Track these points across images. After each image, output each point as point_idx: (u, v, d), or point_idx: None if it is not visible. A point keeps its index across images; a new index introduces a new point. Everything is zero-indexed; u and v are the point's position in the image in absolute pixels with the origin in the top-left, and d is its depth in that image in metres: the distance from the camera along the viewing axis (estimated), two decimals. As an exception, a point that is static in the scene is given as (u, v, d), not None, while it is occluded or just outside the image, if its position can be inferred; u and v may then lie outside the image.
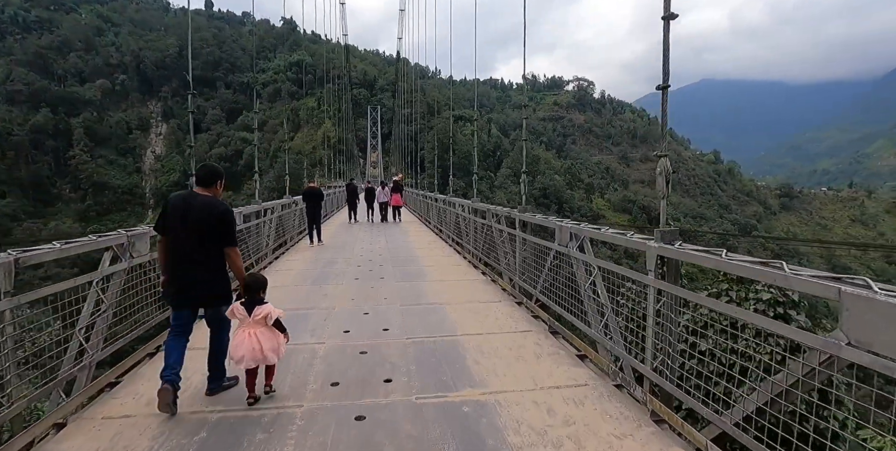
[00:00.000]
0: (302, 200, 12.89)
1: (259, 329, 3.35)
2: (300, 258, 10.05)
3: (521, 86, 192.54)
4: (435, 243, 12.89)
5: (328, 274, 8.17)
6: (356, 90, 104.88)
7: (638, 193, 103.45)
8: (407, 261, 9.53)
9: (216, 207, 3.42)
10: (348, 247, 11.76)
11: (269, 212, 10.40)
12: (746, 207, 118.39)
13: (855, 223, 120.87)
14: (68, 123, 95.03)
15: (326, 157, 52.11)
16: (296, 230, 13.14)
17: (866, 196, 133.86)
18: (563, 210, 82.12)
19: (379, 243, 12.43)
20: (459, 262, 9.62)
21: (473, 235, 9.49)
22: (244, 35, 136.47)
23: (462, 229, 10.80)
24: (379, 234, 14.94)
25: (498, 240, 7.50)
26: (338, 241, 13.15)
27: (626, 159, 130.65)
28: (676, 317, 3.11)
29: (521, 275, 6.18)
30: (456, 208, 11.79)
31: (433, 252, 10.97)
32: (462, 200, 11.74)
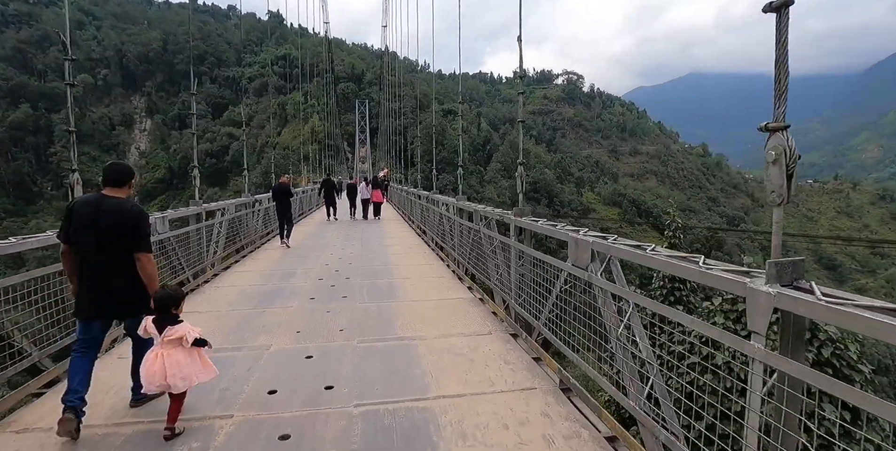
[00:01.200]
0: (271, 197, 12.07)
1: (169, 351, 2.94)
2: (254, 269, 8.53)
3: (510, 79, 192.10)
4: (416, 247, 11.33)
5: (280, 291, 6.72)
6: (344, 84, 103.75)
7: (628, 187, 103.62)
8: (380, 272, 8.14)
9: (130, 210, 3.14)
10: (316, 252, 10.40)
11: (220, 213, 9.00)
12: (735, 200, 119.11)
13: (841, 215, 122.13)
14: (49, 119, 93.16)
15: (314, 152, 51.25)
16: (258, 234, 11.71)
17: (851, 188, 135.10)
18: (553, 204, 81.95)
19: (352, 247, 11.07)
20: (442, 272, 8.22)
21: (458, 239, 8.10)
22: (229, 29, 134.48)
23: (446, 232, 9.39)
24: (355, 235, 13.60)
25: (487, 248, 6.12)
26: (307, 243, 11.86)
27: (616, 153, 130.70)
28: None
29: (518, 297, 4.79)
30: (439, 207, 10.34)
31: (412, 259, 9.53)
32: (446, 197, 10.31)
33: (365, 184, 18.28)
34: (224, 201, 9.77)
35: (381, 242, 12.28)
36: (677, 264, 2.43)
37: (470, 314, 5.50)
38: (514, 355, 4.15)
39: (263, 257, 9.93)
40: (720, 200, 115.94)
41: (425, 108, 69.73)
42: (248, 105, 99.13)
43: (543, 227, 4.36)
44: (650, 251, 2.69)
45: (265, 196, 12.80)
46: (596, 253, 3.24)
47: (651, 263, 2.61)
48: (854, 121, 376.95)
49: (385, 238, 13.04)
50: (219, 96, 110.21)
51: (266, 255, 10.14)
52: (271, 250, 10.87)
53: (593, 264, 3.25)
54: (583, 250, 3.37)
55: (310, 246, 11.43)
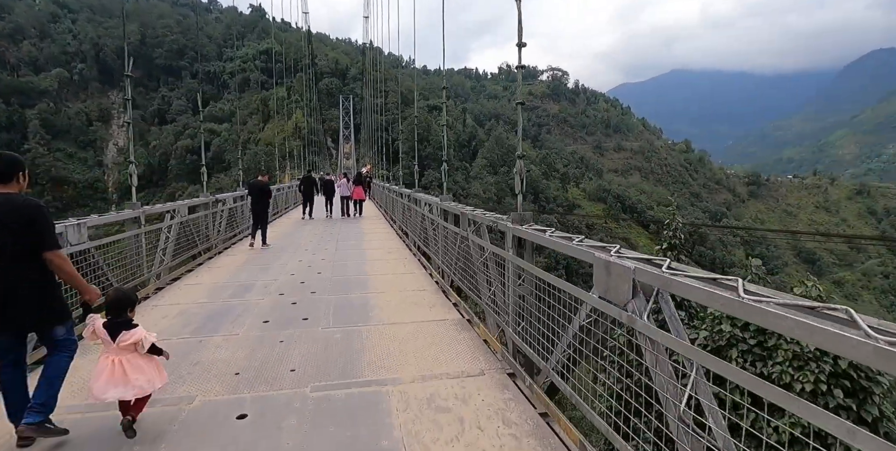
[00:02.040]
0: (247, 195, 11.48)
1: (128, 357, 2.80)
2: (207, 281, 7.37)
3: (495, 75, 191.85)
4: (396, 251, 10.19)
5: (229, 312, 5.58)
6: (328, 79, 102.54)
7: (612, 183, 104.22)
8: (352, 283, 7.11)
9: (22, 205, 2.76)
10: (284, 257, 9.28)
11: (169, 216, 7.99)
12: (717, 196, 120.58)
13: (819, 210, 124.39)
14: (23, 114, 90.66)
15: (297, 148, 50.46)
16: (220, 237, 10.70)
17: (830, 183, 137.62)
18: (539, 200, 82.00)
19: (325, 252, 9.99)
20: (424, 284, 7.12)
21: (443, 245, 7.14)
22: (210, 22, 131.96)
23: (429, 236, 8.38)
24: (331, 236, 12.55)
25: (477, 259, 5.17)
26: (277, 246, 10.74)
27: (601, 149, 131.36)
28: None
29: (517, 324, 3.82)
30: (422, 208, 9.28)
31: (391, 267, 8.45)
32: (428, 197, 9.35)
33: (346, 180, 17.60)
34: (174, 203, 8.59)
35: (359, 245, 11.14)
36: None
37: (457, 344, 4.47)
38: (515, 411, 3.12)
39: (223, 264, 8.80)
40: (703, 195, 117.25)
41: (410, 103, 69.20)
42: (230, 100, 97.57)
43: (553, 240, 3.27)
44: (743, 289, 1.71)
45: (229, 195, 11.82)
46: (639, 285, 2.22)
47: (728, 309, 1.72)
48: (831, 118, 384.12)
49: (363, 240, 11.98)
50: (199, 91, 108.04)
51: (227, 262, 9.03)
52: (235, 254, 9.84)
53: (636, 300, 2.24)
54: (619, 278, 2.34)
55: (279, 250, 10.29)
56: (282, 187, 20.19)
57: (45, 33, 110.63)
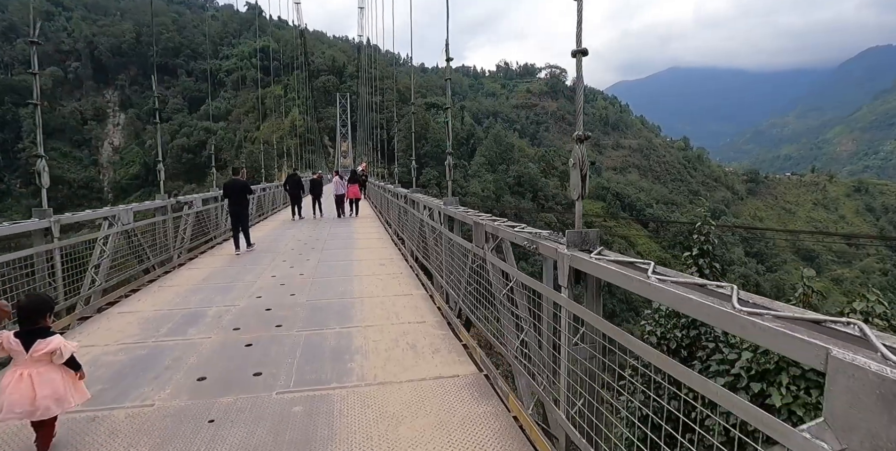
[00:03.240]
0: (222, 195, 10.25)
1: (39, 370, 2.57)
2: (146, 307, 5.84)
3: (493, 73, 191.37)
4: (390, 263, 8.59)
5: (153, 363, 4.07)
6: (325, 77, 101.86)
7: (611, 180, 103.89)
8: (332, 312, 5.56)
9: None
10: (255, 270, 7.91)
11: (107, 224, 6.58)
12: (715, 193, 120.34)
13: (817, 207, 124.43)
14: (16, 113, 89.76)
15: (294, 146, 49.93)
16: (184, 246, 9.32)
17: (828, 180, 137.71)
18: (538, 199, 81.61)
19: (306, 263, 8.51)
20: (425, 312, 5.57)
21: (448, 262, 5.62)
22: (206, 20, 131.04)
23: (430, 247, 6.98)
24: (316, 242, 11.06)
25: (500, 292, 3.75)
26: (249, 256, 9.41)
27: (599, 146, 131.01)
28: None
29: (569, 395, 2.44)
30: (420, 211, 7.90)
31: (383, 286, 6.85)
32: (428, 199, 7.86)
33: (340, 179, 16.88)
34: (115, 207, 7.11)
35: (347, 254, 9.52)
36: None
37: (476, 429, 2.94)
38: None
39: (179, 281, 7.34)
40: (701, 193, 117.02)
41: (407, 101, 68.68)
42: (226, 99, 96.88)
43: (665, 290, 1.76)
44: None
45: (197, 197, 10.45)
46: None
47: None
48: (828, 115, 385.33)
49: (353, 248, 10.38)
50: (195, 90, 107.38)
51: (185, 277, 7.60)
52: (199, 267, 8.43)
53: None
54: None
55: (252, 259, 8.91)
56: (268, 187, 18.91)
57: (40, 31, 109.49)
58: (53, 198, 30.66)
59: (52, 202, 9.27)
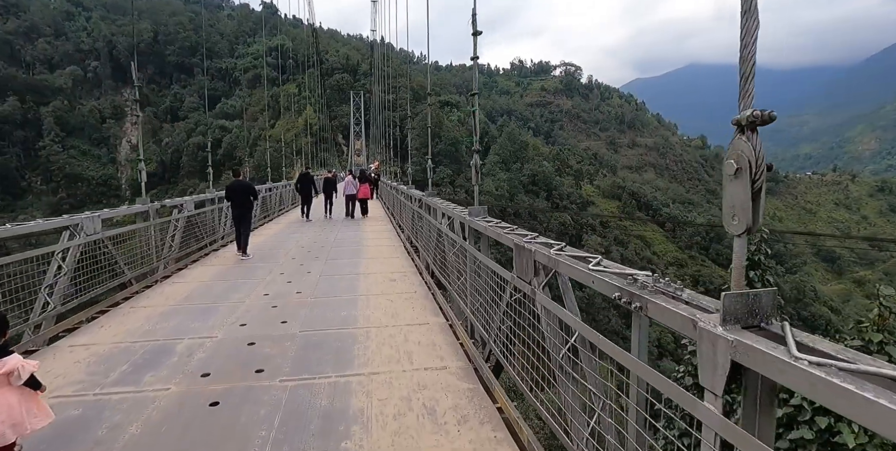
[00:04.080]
0: (225, 196, 9.71)
1: None
2: (104, 340, 4.85)
3: (507, 71, 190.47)
4: (402, 278, 7.44)
5: (85, 431, 3.15)
6: (339, 75, 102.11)
7: (626, 179, 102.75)
8: (329, 351, 4.49)
9: None
10: (245, 287, 6.95)
11: (69, 235, 5.75)
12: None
13: (839, 207, 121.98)
14: (38, 112, 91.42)
15: (308, 144, 50.01)
16: (171, 255, 8.52)
17: (850, 180, 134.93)
18: (552, 197, 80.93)
19: (307, 276, 7.59)
20: (445, 352, 4.43)
21: (473, 284, 4.68)
22: (222, 19, 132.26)
23: (450, 263, 5.95)
24: (321, 250, 10.10)
25: (555, 350, 2.81)
26: (245, 266, 8.55)
27: (614, 145, 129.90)
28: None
29: None
30: (438, 219, 6.89)
31: (393, 312, 5.71)
32: (447, 205, 6.84)
33: (351, 178, 16.47)
34: (77, 216, 6.05)
35: (354, 265, 8.47)
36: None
37: None
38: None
39: (153, 301, 6.29)
40: (719, 192, 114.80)
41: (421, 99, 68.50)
42: (241, 97, 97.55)
43: None
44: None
45: (188, 200, 9.55)
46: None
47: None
48: (850, 113, 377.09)
49: (360, 257, 9.32)
50: (211, 88, 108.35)
51: (162, 295, 6.56)
52: (184, 281, 7.51)
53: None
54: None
55: (243, 273, 7.95)
56: (275, 187, 18.23)
57: (60, 31, 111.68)
58: (73, 195, 31.13)
59: (71, 199, 8.76)
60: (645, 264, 70.81)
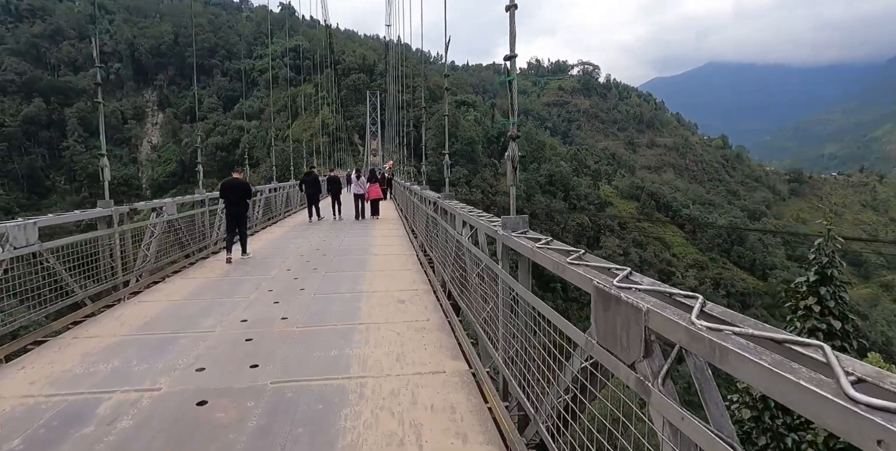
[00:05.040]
0: (220, 196, 9.19)
1: None
2: (18, 385, 3.85)
3: (524, 70, 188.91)
4: (414, 298, 6.18)
5: None
6: (355, 75, 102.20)
7: (645, 180, 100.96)
8: (310, 414, 3.33)
9: None
10: (225, 306, 5.92)
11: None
12: (755, 193, 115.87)
13: (866, 209, 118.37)
14: (62, 113, 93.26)
15: (325, 144, 49.81)
16: (145, 266, 7.34)
17: (878, 181, 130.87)
18: (569, 198, 79.80)
19: (299, 295, 6.39)
20: (470, 429, 3.10)
21: (507, 322, 3.25)
22: (241, 21, 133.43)
23: (472, 285, 4.50)
24: (323, 257, 9.10)
25: None
26: (229, 281, 7.39)
27: (633, 145, 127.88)
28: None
29: None
30: (457, 229, 5.43)
31: (400, 350, 4.46)
32: (467, 210, 5.33)
33: (360, 178, 15.82)
34: (1, 223, 4.91)
35: (356, 280, 7.23)
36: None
37: None
38: None
39: (103, 329, 5.14)
40: (741, 193, 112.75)
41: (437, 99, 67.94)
42: (259, 98, 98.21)
43: None
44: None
45: (168, 202, 8.27)
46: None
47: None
48: (876, 112, 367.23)
49: (366, 269, 8.08)
50: (229, 89, 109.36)
51: (117, 322, 5.36)
52: (149, 300, 6.34)
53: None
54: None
55: (226, 289, 6.76)
56: (282, 187, 17.26)
57: (84, 34, 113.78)
58: (95, 194, 30.84)
59: (94, 198, 8.37)
60: (664, 266, 69.36)
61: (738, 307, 62.98)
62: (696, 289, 63.71)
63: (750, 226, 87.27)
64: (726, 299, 63.61)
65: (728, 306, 1.50)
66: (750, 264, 75.48)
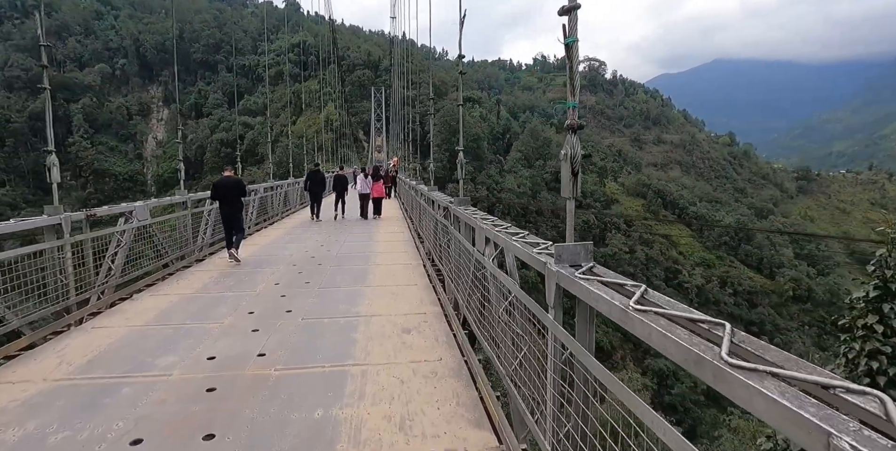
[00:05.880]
0: (211, 195, 8.66)
1: None
2: None
3: (530, 67, 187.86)
4: (422, 327, 5.06)
5: None
6: (360, 71, 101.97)
7: (651, 177, 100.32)
8: None
9: None
10: (193, 335, 4.86)
11: None
12: (762, 191, 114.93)
13: (875, 207, 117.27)
14: (68, 109, 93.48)
15: (329, 141, 49.66)
16: (110, 280, 6.34)
17: (887, 179, 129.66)
18: (574, 195, 79.33)
19: (285, 319, 5.34)
20: None
21: (556, 386, 2.30)
22: (245, 17, 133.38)
23: (498, 320, 3.57)
24: (318, 267, 8.09)
25: None
26: (216, 290, 6.70)
27: (639, 142, 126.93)
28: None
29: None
30: (475, 246, 4.49)
31: (404, 409, 3.39)
32: (489, 223, 4.21)
33: (365, 177, 15.36)
34: None
35: (354, 296, 6.28)
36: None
37: None
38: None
39: (36, 367, 4.20)
40: (748, 190, 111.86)
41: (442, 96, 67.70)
42: (264, 94, 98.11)
43: None
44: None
45: (138, 205, 7.18)
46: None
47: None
48: (885, 109, 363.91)
49: (366, 281, 7.12)
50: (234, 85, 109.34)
51: (56, 357, 4.40)
52: (105, 325, 5.27)
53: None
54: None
55: (198, 313, 5.67)
56: (280, 185, 16.39)
57: (90, 30, 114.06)
58: (101, 190, 30.92)
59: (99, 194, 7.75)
60: (671, 264, 68.91)
61: (745, 306, 62.50)
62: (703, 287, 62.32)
63: (757, 224, 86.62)
64: (733, 298, 63.15)
65: (735, 306, 1.27)
66: (757, 262, 74.88)
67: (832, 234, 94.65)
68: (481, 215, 4.83)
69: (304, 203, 17.45)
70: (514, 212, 66.85)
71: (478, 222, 4.40)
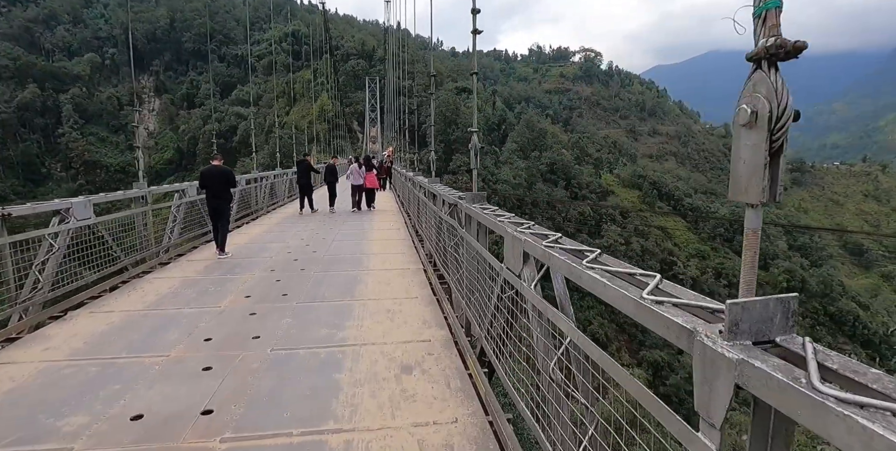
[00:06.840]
0: (199, 185, 8.23)
1: None
2: None
3: (525, 57, 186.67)
4: (427, 363, 3.88)
5: None
6: (354, 61, 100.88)
7: (647, 168, 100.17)
8: None
9: None
10: (122, 376, 3.61)
11: None
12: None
13: (868, 198, 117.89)
14: (57, 99, 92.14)
15: (323, 131, 49.05)
16: (35, 296, 5.14)
17: (881, 171, 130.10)
18: (571, 186, 79.11)
19: (251, 352, 4.10)
20: None
21: None
22: (237, 5, 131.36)
23: (535, 366, 2.59)
24: (302, 272, 6.99)
25: None
26: (171, 305, 5.52)
27: (635, 133, 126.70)
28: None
29: None
30: (504, 264, 3.18)
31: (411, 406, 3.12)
32: (530, 236, 2.80)
33: (358, 167, 14.87)
34: None
35: (343, 313, 5.13)
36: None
37: None
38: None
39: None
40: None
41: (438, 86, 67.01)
42: (257, 84, 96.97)
43: None
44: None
45: (79, 201, 6.01)
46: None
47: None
48: (880, 102, 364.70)
49: (358, 292, 5.98)
50: (227, 75, 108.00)
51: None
52: (16, 360, 4.00)
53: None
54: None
55: (147, 332, 4.62)
56: (264, 177, 15.41)
57: (79, 18, 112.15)
58: (92, 182, 30.33)
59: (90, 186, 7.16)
60: (665, 256, 68.97)
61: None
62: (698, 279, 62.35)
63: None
64: (727, 289, 63.30)
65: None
66: (751, 253, 75.16)
67: (825, 225, 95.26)
68: (509, 217, 3.62)
69: (294, 196, 16.68)
70: (509, 203, 66.62)
71: (508, 230, 3.16)
